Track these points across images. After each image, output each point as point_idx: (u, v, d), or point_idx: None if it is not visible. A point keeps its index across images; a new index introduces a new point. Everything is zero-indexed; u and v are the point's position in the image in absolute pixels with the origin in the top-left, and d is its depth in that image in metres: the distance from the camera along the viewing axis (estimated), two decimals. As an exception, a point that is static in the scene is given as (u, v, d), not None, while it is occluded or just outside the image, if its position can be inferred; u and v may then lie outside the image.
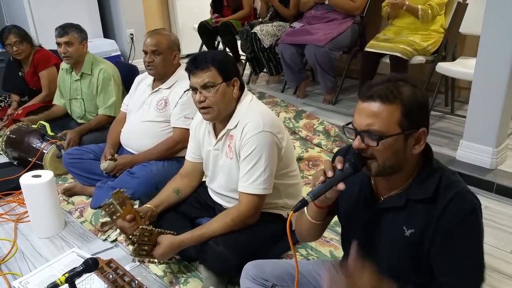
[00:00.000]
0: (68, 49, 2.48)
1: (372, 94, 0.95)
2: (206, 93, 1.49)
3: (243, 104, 1.57)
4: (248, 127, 1.50)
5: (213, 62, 1.49)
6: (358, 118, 0.97)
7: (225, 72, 1.51)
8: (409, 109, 0.94)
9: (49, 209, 1.92)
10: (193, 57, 1.52)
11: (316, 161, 2.51)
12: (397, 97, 0.94)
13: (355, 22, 3.16)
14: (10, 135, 2.53)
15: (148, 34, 2.12)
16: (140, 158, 2.15)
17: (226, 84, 1.52)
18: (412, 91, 0.96)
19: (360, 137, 0.97)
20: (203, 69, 1.48)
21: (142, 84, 2.29)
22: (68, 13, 3.94)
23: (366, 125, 0.95)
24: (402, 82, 0.97)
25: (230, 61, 1.57)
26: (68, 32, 2.49)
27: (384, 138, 0.94)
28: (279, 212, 1.68)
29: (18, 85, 3.08)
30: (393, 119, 0.94)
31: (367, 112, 0.95)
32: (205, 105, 1.51)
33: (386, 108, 0.94)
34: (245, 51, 3.64)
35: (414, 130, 0.96)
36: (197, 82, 1.49)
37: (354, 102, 3.21)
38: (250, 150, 1.49)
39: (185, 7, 4.85)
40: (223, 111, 1.54)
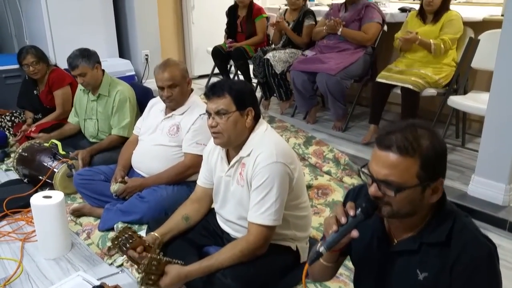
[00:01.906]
0: (84, 79, 2.53)
1: (390, 144, 0.93)
2: (218, 119, 1.52)
3: (257, 133, 1.58)
4: (261, 156, 1.51)
5: (229, 91, 1.52)
6: (376, 166, 0.96)
7: (240, 102, 1.53)
8: (427, 161, 0.93)
9: (57, 230, 1.92)
10: (213, 84, 1.57)
11: (326, 189, 2.50)
12: (416, 150, 0.93)
13: (366, 52, 3.19)
14: (22, 152, 2.55)
15: (160, 69, 2.10)
16: (150, 182, 2.15)
17: (240, 113, 1.54)
18: (431, 142, 0.94)
19: (377, 185, 0.96)
20: (219, 96, 1.52)
21: (155, 109, 2.32)
22: (86, 33, 4.04)
23: (384, 175, 0.94)
24: (422, 131, 0.95)
25: (248, 91, 1.59)
26: (78, 64, 2.50)
27: (402, 190, 0.93)
28: (288, 244, 1.66)
29: (32, 102, 3.13)
30: (411, 171, 0.93)
31: (385, 162, 0.94)
32: (216, 131, 1.54)
33: (404, 161, 0.93)
34: (257, 76, 3.68)
35: (432, 181, 0.95)
36: (212, 107, 1.53)
37: (364, 130, 3.22)
38: (262, 180, 1.49)
39: (199, 30, 4.94)
40: (233, 138, 1.56)
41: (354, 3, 3.20)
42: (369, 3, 3.21)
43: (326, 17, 3.37)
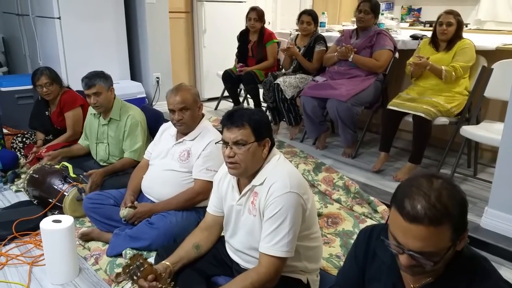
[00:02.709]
0: (98, 99, 2.55)
1: (420, 217, 0.89)
2: (236, 150, 1.51)
3: (270, 161, 1.57)
4: (275, 186, 1.49)
5: (249, 121, 1.51)
6: (406, 239, 0.92)
7: (259, 132, 1.52)
8: (458, 222, 0.91)
9: (66, 255, 1.90)
10: (231, 112, 1.55)
11: (336, 218, 2.46)
12: (446, 216, 0.89)
13: (377, 79, 3.21)
14: (33, 174, 2.56)
15: (172, 92, 2.12)
16: (160, 208, 2.14)
17: (258, 144, 1.53)
18: (454, 199, 0.91)
19: (410, 256, 0.92)
20: (238, 126, 1.50)
21: (167, 134, 2.32)
22: (99, 55, 4.11)
23: (418, 247, 0.90)
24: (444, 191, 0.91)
25: (265, 121, 1.58)
26: (95, 83, 2.54)
27: (440, 260, 0.91)
28: (298, 277, 1.62)
29: (43, 123, 3.16)
30: (446, 237, 0.90)
31: (417, 235, 0.90)
32: (233, 161, 1.52)
33: (437, 231, 0.89)
34: (267, 100, 3.70)
35: (462, 234, 0.93)
36: (230, 137, 1.51)
37: (374, 157, 3.20)
38: (275, 211, 1.47)
39: (210, 54, 5.01)
40: (250, 168, 1.54)
41: (366, 30, 3.23)
42: (381, 30, 3.24)
43: (337, 43, 3.40)
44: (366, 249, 1.16)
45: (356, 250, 1.22)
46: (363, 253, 1.18)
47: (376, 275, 0.96)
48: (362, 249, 1.18)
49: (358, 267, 1.20)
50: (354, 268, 1.22)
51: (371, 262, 1.15)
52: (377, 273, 0.98)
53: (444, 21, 2.81)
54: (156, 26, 4.38)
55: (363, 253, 1.18)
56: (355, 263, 1.22)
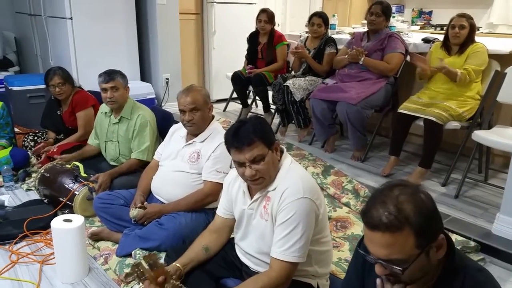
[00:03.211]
0: (114, 94, 2.58)
1: (377, 224, 0.91)
2: (256, 166, 1.48)
3: (283, 166, 1.57)
4: (288, 192, 1.48)
5: (256, 135, 1.47)
6: (372, 247, 0.94)
7: (268, 140, 1.51)
8: (420, 228, 0.90)
9: (76, 254, 1.91)
10: (235, 133, 1.49)
11: (345, 222, 2.45)
12: (403, 222, 0.90)
13: (388, 82, 3.19)
14: (44, 173, 2.58)
15: (183, 93, 2.13)
16: (169, 209, 2.14)
17: (271, 151, 1.52)
18: (415, 205, 0.91)
19: (381, 265, 0.94)
20: (250, 145, 1.47)
21: (177, 135, 2.33)
22: (109, 56, 4.14)
23: (384, 254, 0.92)
24: (402, 196, 0.92)
25: (268, 126, 1.56)
26: (114, 77, 2.58)
27: (408, 267, 0.91)
28: (309, 281, 1.62)
29: (55, 123, 3.19)
30: (409, 244, 0.90)
31: (379, 242, 0.92)
32: (257, 177, 1.50)
33: (397, 237, 0.90)
34: (276, 102, 3.70)
35: (433, 241, 0.93)
36: (245, 158, 1.48)
37: (384, 161, 3.18)
38: (288, 216, 1.46)
39: (220, 55, 5.02)
40: (272, 176, 1.54)
41: (377, 33, 3.21)
42: (392, 33, 3.22)
43: (348, 45, 3.39)
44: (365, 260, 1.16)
45: (355, 260, 1.22)
46: (361, 263, 1.18)
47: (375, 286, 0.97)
48: (361, 260, 1.17)
49: (358, 277, 1.20)
50: (354, 279, 1.22)
51: (369, 272, 1.14)
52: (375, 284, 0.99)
53: (456, 24, 2.78)
54: (167, 27, 4.40)
55: (361, 263, 1.18)
56: (355, 273, 1.22)
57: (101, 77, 2.60)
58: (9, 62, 5.01)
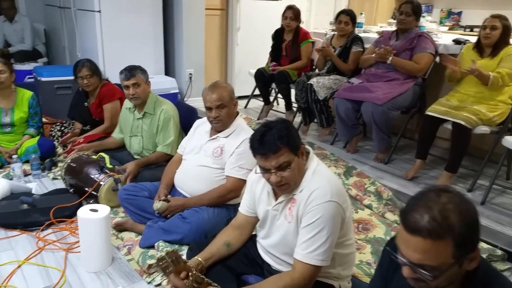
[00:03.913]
0: (136, 90, 2.60)
1: (419, 229, 0.88)
2: (282, 173, 1.47)
3: (309, 168, 1.55)
4: (315, 194, 1.47)
5: (282, 142, 1.45)
6: (407, 249, 0.91)
7: (294, 146, 1.48)
8: (461, 239, 0.88)
9: (101, 244, 1.95)
10: (260, 139, 1.46)
11: (367, 224, 2.42)
12: (447, 231, 0.87)
13: (416, 83, 3.12)
14: (71, 163, 2.63)
15: (209, 90, 2.13)
16: (192, 203, 2.16)
17: (297, 156, 1.50)
18: (460, 215, 0.88)
19: (411, 268, 0.92)
20: (276, 152, 1.44)
21: (201, 129, 2.34)
22: (135, 50, 4.18)
23: (417, 259, 0.90)
24: (449, 205, 0.89)
25: (294, 130, 1.53)
26: (135, 74, 2.60)
27: (440, 275, 0.89)
28: (331, 282, 1.61)
29: (82, 114, 3.25)
30: (446, 253, 0.88)
31: (416, 247, 0.89)
32: (282, 183, 1.49)
33: (437, 245, 0.88)
34: (299, 101, 3.67)
35: (469, 253, 0.90)
36: (271, 165, 1.46)
37: (408, 164, 3.12)
38: (314, 219, 1.45)
39: (243, 51, 5.02)
40: (298, 181, 1.52)
41: (407, 32, 3.15)
42: (422, 33, 3.15)
43: (375, 44, 3.33)
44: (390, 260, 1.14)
45: (382, 261, 1.21)
46: (387, 264, 1.16)
47: None
48: (386, 260, 1.16)
49: (383, 279, 1.19)
50: (379, 280, 1.20)
51: (394, 273, 1.13)
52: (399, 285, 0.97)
53: (488, 24, 2.71)
54: (192, 22, 4.42)
55: (387, 264, 1.17)
56: (380, 274, 1.20)
57: (122, 74, 2.62)
58: (38, 53, 5.13)
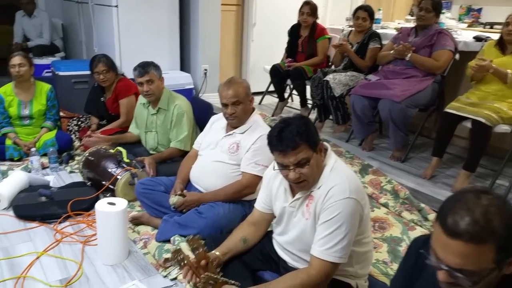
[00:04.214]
0: (150, 86, 2.61)
1: (460, 233, 0.85)
2: (300, 170, 1.45)
3: (327, 165, 1.53)
4: (334, 190, 1.45)
5: (301, 138, 1.43)
6: (445, 254, 0.88)
7: (313, 142, 1.47)
8: (504, 243, 0.85)
9: (118, 237, 1.97)
10: (279, 136, 1.45)
11: (383, 223, 2.40)
12: (489, 235, 0.84)
13: (435, 81, 3.07)
14: (89, 157, 2.66)
15: (224, 86, 2.12)
16: (208, 198, 2.16)
17: (316, 153, 1.48)
18: (503, 218, 0.85)
19: (448, 273, 0.89)
20: (295, 148, 1.43)
21: (216, 125, 2.34)
22: (151, 45, 4.20)
23: (456, 264, 0.87)
24: (492, 208, 0.86)
25: (312, 127, 1.51)
26: (148, 70, 2.60)
27: (479, 281, 0.86)
28: (347, 281, 1.59)
29: (98, 109, 3.28)
30: (488, 258, 0.85)
31: (456, 251, 0.86)
32: (300, 180, 1.47)
33: (478, 249, 0.84)
34: (315, 97, 3.65)
35: (509, 257, 0.87)
36: (290, 161, 1.44)
37: (425, 163, 3.08)
38: (332, 215, 1.44)
39: (258, 47, 5.01)
40: (316, 178, 1.51)
41: (426, 29, 3.09)
42: (442, 30, 3.09)
43: (394, 41, 3.29)
44: (416, 260, 1.12)
45: (406, 261, 1.19)
46: (412, 264, 1.14)
47: None
48: (412, 260, 1.14)
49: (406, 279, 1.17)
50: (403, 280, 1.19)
51: (419, 274, 1.11)
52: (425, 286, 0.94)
53: (511, 21, 2.65)
54: (208, 18, 4.42)
55: (412, 264, 1.15)
56: (404, 274, 1.19)
57: (136, 71, 2.62)
58: (55, 48, 5.19)
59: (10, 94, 3.13)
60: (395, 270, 1.95)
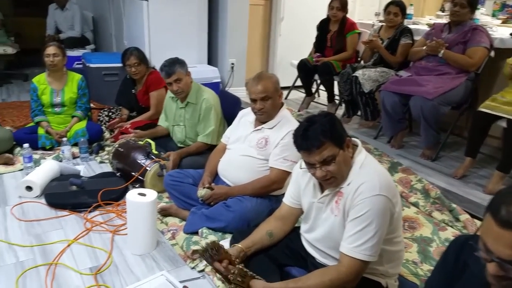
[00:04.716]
0: (179, 85, 2.62)
1: None
2: (327, 167, 1.44)
3: (356, 161, 1.50)
4: (363, 187, 1.43)
5: (326, 136, 1.42)
6: (497, 245, 0.86)
7: (339, 140, 1.45)
8: None
9: (147, 227, 1.99)
10: (303, 134, 1.44)
11: (413, 222, 2.35)
12: None
13: (469, 78, 2.98)
14: (119, 148, 2.71)
15: (254, 81, 2.10)
16: (235, 192, 2.17)
17: (342, 150, 1.46)
18: None
19: (499, 265, 0.86)
20: (319, 147, 1.42)
21: (245, 120, 2.33)
22: (180, 39, 4.23)
23: (507, 255, 0.84)
24: None
25: (338, 124, 1.48)
26: (175, 70, 2.60)
27: None
28: (378, 280, 1.57)
29: (129, 101, 3.33)
30: None
31: (508, 242, 0.84)
32: (328, 177, 1.46)
33: None
34: (343, 93, 3.60)
35: None
36: (316, 159, 1.44)
37: (456, 162, 3.00)
38: (361, 212, 1.41)
39: (285, 42, 4.97)
40: (345, 175, 1.49)
41: (460, 25, 2.99)
42: (477, 26, 2.99)
43: (426, 37, 3.20)
44: (456, 260, 1.10)
45: (445, 261, 1.16)
46: (452, 264, 1.11)
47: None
48: (452, 260, 1.11)
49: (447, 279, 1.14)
50: (443, 280, 1.16)
51: (460, 274, 1.08)
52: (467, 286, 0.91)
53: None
54: (237, 12, 4.41)
55: (452, 264, 1.12)
56: (442, 274, 1.16)
57: (163, 72, 2.63)
58: (86, 40, 5.30)
59: (43, 83, 3.22)
60: (425, 271, 1.93)
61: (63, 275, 1.87)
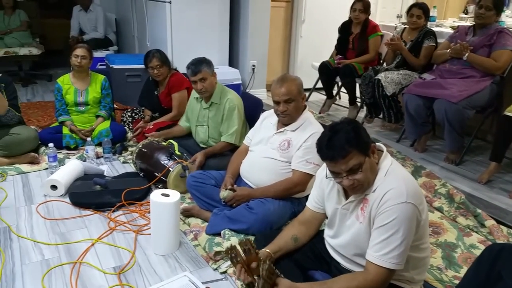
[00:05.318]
0: (204, 84, 2.64)
1: None
2: (354, 176, 1.42)
3: (382, 168, 1.48)
4: (390, 194, 1.41)
5: (351, 145, 1.39)
6: None
7: (364, 147, 1.43)
8: None
9: (170, 228, 2.01)
10: (328, 144, 1.42)
11: (438, 228, 2.31)
12: None
13: (494, 82, 2.91)
14: (142, 148, 2.74)
15: (277, 83, 2.09)
16: (258, 194, 2.17)
17: (368, 156, 1.44)
18: None
19: None
20: (345, 156, 1.39)
21: (267, 122, 2.33)
22: (202, 41, 4.27)
23: None
24: None
25: (362, 130, 1.46)
26: (201, 69, 2.62)
27: None
28: (403, 286, 1.55)
29: (152, 102, 3.37)
30: None
31: None
32: (355, 185, 1.44)
33: None
34: (365, 95, 3.57)
35: None
36: (341, 169, 1.41)
37: (481, 167, 2.94)
38: (388, 220, 1.39)
39: (306, 44, 4.96)
40: (371, 181, 1.47)
41: (485, 27, 2.94)
42: (503, 29, 2.93)
43: (450, 39, 3.15)
44: (490, 269, 1.07)
45: (478, 270, 1.14)
46: (486, 273, 1.09)
47: None
48: (485, 269, 1.09)
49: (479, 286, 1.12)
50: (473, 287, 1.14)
51: (493, 284, 1.06)
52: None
53: None
54: (258, 14, 4.43)
55: (485, 273, 1.09)
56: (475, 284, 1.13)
57: (189, 70, 2.65)
58: (109, 41, 5.39)
59: (67, 83, 3.29)
60: (450, 277, 1.90)
61: (87, 274, 1.90)
